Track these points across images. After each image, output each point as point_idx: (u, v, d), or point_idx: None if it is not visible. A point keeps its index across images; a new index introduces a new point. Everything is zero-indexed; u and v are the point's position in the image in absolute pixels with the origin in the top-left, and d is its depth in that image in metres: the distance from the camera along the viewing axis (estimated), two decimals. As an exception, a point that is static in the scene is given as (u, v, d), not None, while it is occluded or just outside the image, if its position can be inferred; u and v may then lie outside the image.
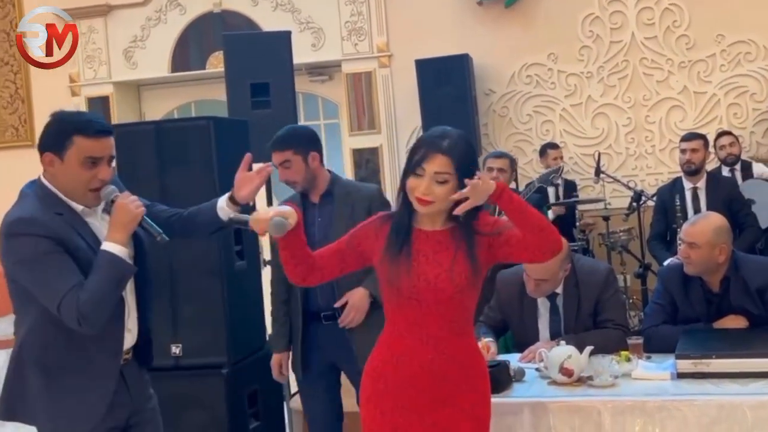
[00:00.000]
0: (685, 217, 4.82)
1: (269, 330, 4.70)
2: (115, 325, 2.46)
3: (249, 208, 2.83)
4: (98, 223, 2.48)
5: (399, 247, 2.34)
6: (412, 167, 2.30)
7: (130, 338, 2.53)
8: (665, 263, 3.96)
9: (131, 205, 2.39)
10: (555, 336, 3.28)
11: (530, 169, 6.52)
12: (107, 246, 2.35)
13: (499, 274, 3.50)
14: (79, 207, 2.44)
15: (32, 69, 7.24)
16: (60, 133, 2.41)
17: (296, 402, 4.76)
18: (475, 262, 2.32)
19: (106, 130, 2.44)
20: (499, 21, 6.58)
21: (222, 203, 2.64)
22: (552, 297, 3.35)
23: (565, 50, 6.51)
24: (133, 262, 2.45)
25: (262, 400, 4.01)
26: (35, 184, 2.47)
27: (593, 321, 3.33)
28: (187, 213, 2.70)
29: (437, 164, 2.26)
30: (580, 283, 3.33)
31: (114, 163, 2.51)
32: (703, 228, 3.22)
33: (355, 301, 3.27)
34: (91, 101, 7.11)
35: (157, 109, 7.27)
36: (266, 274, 4.91)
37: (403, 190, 2.35)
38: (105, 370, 2.46)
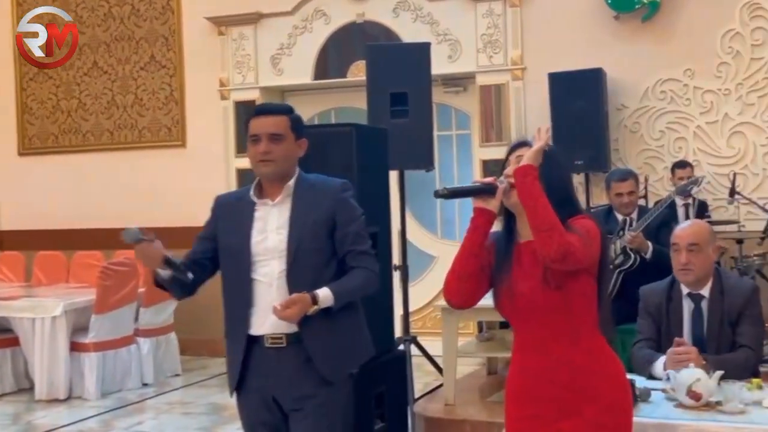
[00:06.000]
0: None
1: (397, 333, 4.87)
2: (241, 307, 2.75)
3: None
4: (265, 211, 2.79)
5: (500, 264, 2.41)
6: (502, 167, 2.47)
7: (268, 323, 2.71)
8: None
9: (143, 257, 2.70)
10: (696, 338, 3.29)
11: (661, 187, 6.40)
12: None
13: (641, 289, 3.52)
14: (255, 197, 2.80)
15: (186, 73, 7.57)
16: (245, 123, 2.84)
17: (420, 406, 4.91)
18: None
19: (263, 110, 2.83)
20: (634, 35, 6.51)
21: None
22: (697, 299, 3.36)
23: (703, 66, 6.36)
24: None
25: (388, 403, 4.06)
26: None
27: (733, 331, 3.32)
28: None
29: (520, 152, 2.42)
30: (725, 290, 3.34)
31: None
32: None
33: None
34: (239, 105, 7.31)
35: (300, 114, 7.53)
36: (397, 278, 5.09)
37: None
38: (232, 351, 2.82)
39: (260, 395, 2.79)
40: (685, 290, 3.39)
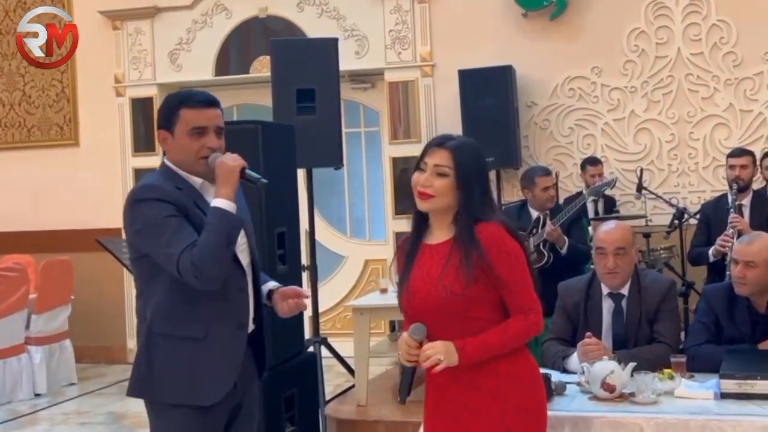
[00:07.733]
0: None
1: (307, 335, 4.74)
2: (239, 297, 2.53)
3: None
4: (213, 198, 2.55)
5: (403, 265, 2.39)
6: (417, 164, 2.35)
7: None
8: (710, 285, 3.92)
9: (228, 159, 2.47)
10: (617, 337, 3.32)
11: (570, 183, 6.49)
12: (215, 202, 2.44)
13: (560, 286, 3.52)
14: (197, 182, 2.55)
15: (78, 69, 7.32)
16: (169, 110, 2.54)
17: (331, 408, 4.78)
18: (467, 274, 2.26)
19: (209, 101, 2.56)
20: (543, 33, 6.55)
21: (266, 288, 2.71)
22: (617, 298, 3.37)
23: (610, 64, 6.45)
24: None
25: (299, 405, 4.04)
26: (160, 167, 2.60)
27: (651, 329, 3.34)
28: None
29: (437, 157, 2.31)
30: (642, 288, 3.36)
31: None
32: (760, 247, 3.20)
33: None
34: (135, 102, 7.13)
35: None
36: (305, 278, 4.94)
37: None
38: (232, 343, 2.51)
39: (228, 403, 2.57)
40: (605, 290, 3.40)
